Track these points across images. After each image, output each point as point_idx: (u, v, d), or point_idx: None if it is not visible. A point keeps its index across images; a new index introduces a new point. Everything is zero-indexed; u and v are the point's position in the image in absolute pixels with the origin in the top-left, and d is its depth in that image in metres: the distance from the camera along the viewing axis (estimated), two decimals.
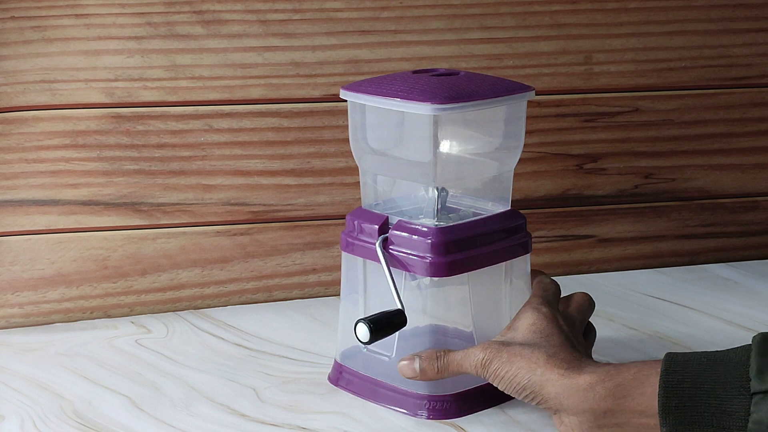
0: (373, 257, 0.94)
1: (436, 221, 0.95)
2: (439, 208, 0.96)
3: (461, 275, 0.92)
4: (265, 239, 1.18)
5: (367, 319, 0.89)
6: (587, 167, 1.24)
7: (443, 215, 0.96)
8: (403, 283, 0.93)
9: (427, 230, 0.92)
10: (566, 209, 1.25)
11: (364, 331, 0.89)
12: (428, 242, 0.91)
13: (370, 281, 0.96)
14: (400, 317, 0.90)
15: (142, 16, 1.11)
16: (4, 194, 1.11)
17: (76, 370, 1.02)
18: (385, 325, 0.90)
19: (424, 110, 0.89)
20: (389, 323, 0.90)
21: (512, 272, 0.96)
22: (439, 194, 0.96)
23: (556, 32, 1.21)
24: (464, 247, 0.93)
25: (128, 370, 1.02)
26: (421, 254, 0.92)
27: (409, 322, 0.91)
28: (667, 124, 1.26)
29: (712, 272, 1.27)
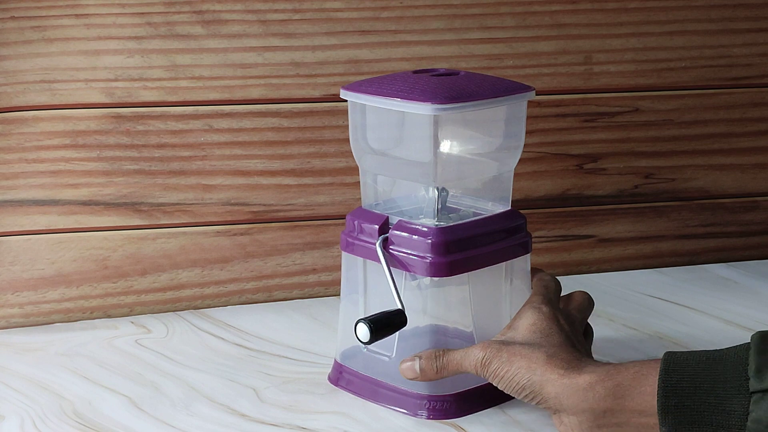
0: (373, 257, 0.94)
1: (436, 221, 0.95)
2: (439, 208, 0.96)
3: (461, 275, 0.92)
4: (265, 239, 1.18)
5: (367, 319, 0.89)
6: (587, 167, 1.24)
7: (443, 215, 0.96)
8: (403, 283, 0.93)
9: (427, 230, 0.92)
10: (566, 209, 1.25)
11: (364, 331, 0.89)
12: (428, 242, 0.91)
13: (370, 281, 0.96)
14: (400, 317, 0.90)
15: (142, 16, 1.11)
16: (4, 194, 1.11)
17: (76, 370, 1.02)
18: (385, 325, 0.90)
19: (424, 110, 0.89)
20: (389, 323, 0.90)
21: (512, 272, 0.96)
22: (439, 194, 0.95)
23: (556, 32, 1.21)
24: (464, 247, 0.93)
25: (128, 370, 1.02)
26: (421, 254, 0.92)
27: (409, 322, 0.91)
28: (667, 124, 1.26)
29: (712, 272, 1.27)
